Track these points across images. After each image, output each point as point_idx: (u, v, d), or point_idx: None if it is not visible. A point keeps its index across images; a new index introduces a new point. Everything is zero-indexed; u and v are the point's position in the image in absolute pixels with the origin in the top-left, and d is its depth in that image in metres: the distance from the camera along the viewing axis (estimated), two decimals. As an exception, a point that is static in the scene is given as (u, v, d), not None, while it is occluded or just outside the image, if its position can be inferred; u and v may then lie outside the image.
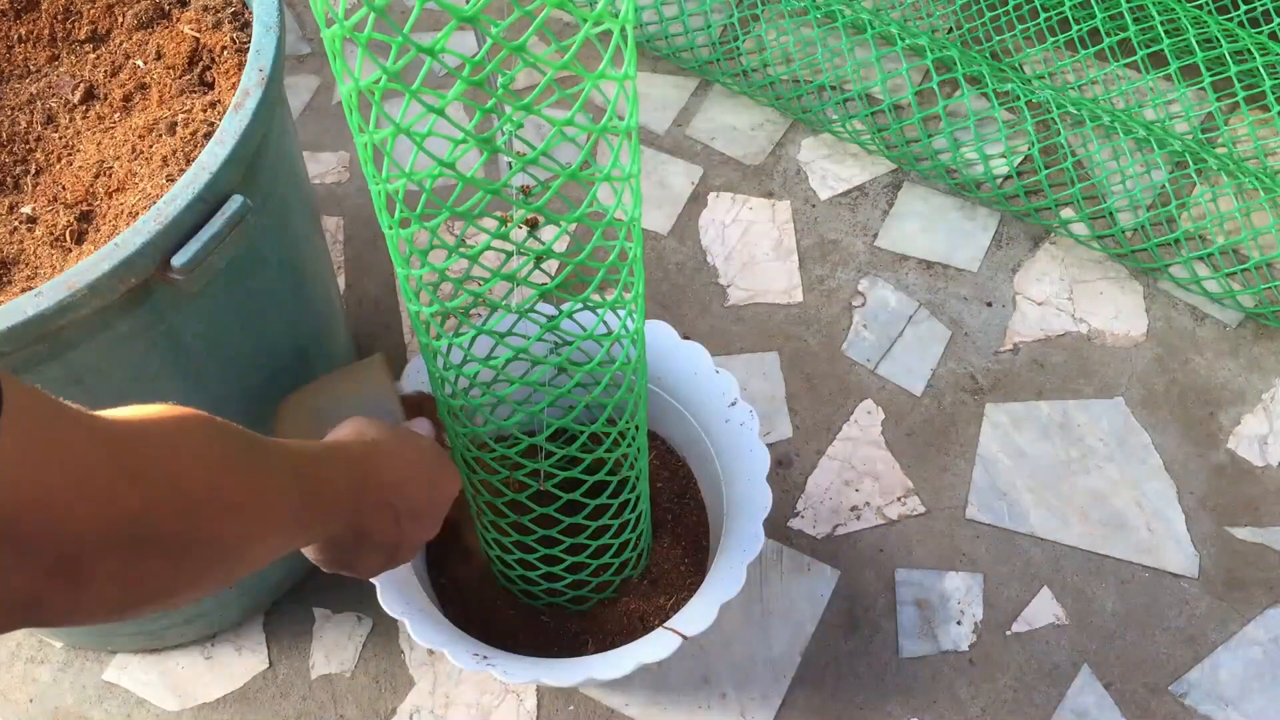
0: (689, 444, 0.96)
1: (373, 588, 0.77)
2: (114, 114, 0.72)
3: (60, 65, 0.76)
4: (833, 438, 1.07)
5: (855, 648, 0.96)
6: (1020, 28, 1.33)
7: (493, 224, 0.63)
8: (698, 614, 0.78)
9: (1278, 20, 1.25)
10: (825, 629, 0.96)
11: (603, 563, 0.85)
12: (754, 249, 1.19)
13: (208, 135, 0.67)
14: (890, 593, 0.98)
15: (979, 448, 1.06)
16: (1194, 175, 1.21)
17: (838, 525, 1.02)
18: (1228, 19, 1.26)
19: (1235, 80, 1.19)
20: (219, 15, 0.72)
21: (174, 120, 0.69)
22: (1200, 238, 1.19)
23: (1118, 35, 1.25)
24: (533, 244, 0.66)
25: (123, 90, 0.73)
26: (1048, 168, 1.20)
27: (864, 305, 1.15)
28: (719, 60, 1.33)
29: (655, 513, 0.93)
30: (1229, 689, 0.94)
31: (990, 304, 1.16)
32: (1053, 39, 1.31)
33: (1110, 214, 1.19)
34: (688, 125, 1.30)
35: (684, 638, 0.76)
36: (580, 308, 0.69)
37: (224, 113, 0.65)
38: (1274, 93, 1.17)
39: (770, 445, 1.05)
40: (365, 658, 0.96)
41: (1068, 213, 1.20)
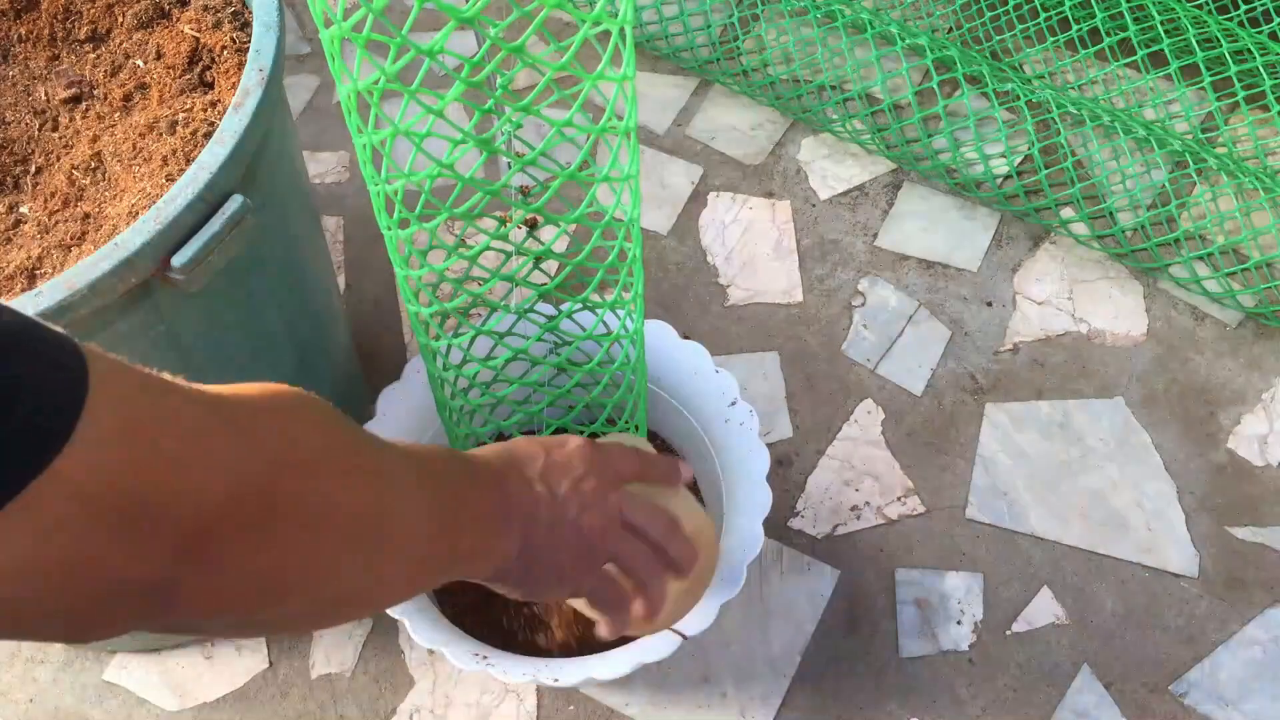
0: (689, 444, 0.96)
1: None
2: (114, 113, 0.72)
3: (60, 65, 0.76)
4: (833, 437, 1.07)
5: (855, 648, 0.96)
6: (1020, 27, 1.33)
7: (492, 224, 0.63)
8: (698, 613, 0.78)
9: (1278, 20, 1.25)
10: (825, 629, 0.96)
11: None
12: (754, 249, 1.19)
13: (208, 135, 0.67)
14: (890, 593, 0.98)
15: (979, 447, 1.06)
16: (1194, 175, 1.21)
17: (838, 525, 1.02)
18: (1228, 19, 1.26)
19: (1235, 80, 1.19)
20: (219, 15, 0.72)
21: (174, 120, 0.69)
22: (1200, 237, 1.19)
23: (1118, 35, 1.25)
24: (532, 244, 0.66)
25: (123, 90, 0.73)
26: (1048, 167, 1.20)
27: (864, 305, 1.15)
28: (719, 60, 1.33)
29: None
30: (1229, 689, 0.94)
31: (990, 304, 1.16)
32: (1053, 39, 1.31)
33: (1110, 214, 1.19)
34: (688, 125, 1.30)
35: (684, 637, 0.76)
36: (580, 308, 0.70)
37: (224, 112, 0.65)
38: (1274, 92, 1.17)
39: (770, 445, 1.05)
40: (365, 657, 0.96)
41: (1068, 212, 1.20)
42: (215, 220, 0.61)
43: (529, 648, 0.84)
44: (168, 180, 0.66)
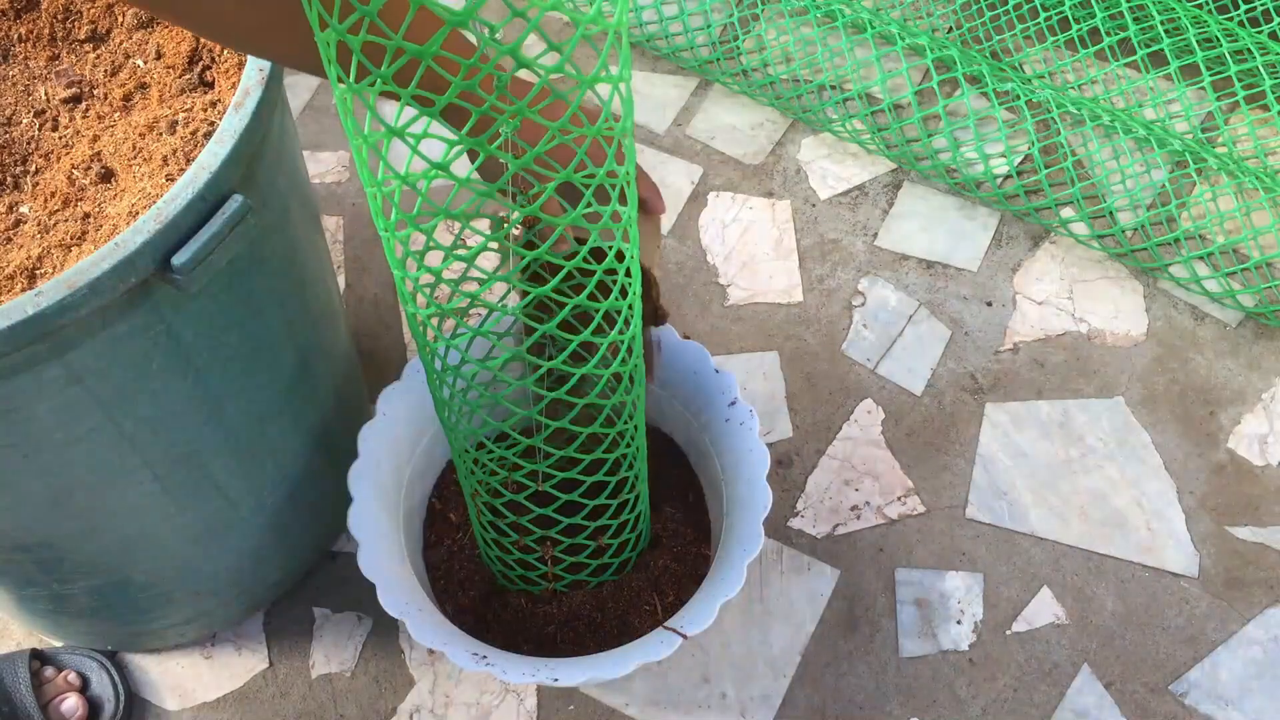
0: (689, 443, 0.96)
1: (372, 587, 0.78)
2: (114, 113, 0.72)
3: (60, 65, 0.76)
4: (833, 437, 1.07)
5: (855, 648, 0.96)
6: (1020, 27, 1.33)
7: (489, 225, 0.63)
8: (698, 613, 0.78)
9: (1278, 20, 1.25)
10: (825, 629, 0.96)
11: (602, 563, 0.85)
12: (754, 248, 1.20)
13: (208, 135, 0.67)
14: (890, 592, 0.98)
15: (979, 447, 1.06)
16: (1194, 175, 1.21)
17: (838, 525, 1.02)
18: (1228, 18, 1.26)
19: (1235, 80, 1.19)
20: (218, 16, 0.72)
21: (174, 120, 0.69)
22: (1200, 237, 1.19)
23: (1118, 35, 1.25)
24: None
25: (123, 90, 0.73)
26: (1048, 167, 1.20)
27: (864, 305, 1.15)
28: (719, 60, 1.33)
29: (655, 511, 0.93)
30: (1229, 688, 0.94)
31: (990, 303, 1.16)
32: (1053, 38, 1.31)
33: (1110, 213, 1.19)
34: (687, 125, 1.30)
35: (684, 637, 0.76)
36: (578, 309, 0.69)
37: (224, 112, 0.65)
38: (1274, 92, 1.17)
39: (770, 445, 1.05)
40: (365, 657, 0.96)
41: (1068, 212, 1.20)
42: (215, 220, 0.61)
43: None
44: (168, 180, 0.66)
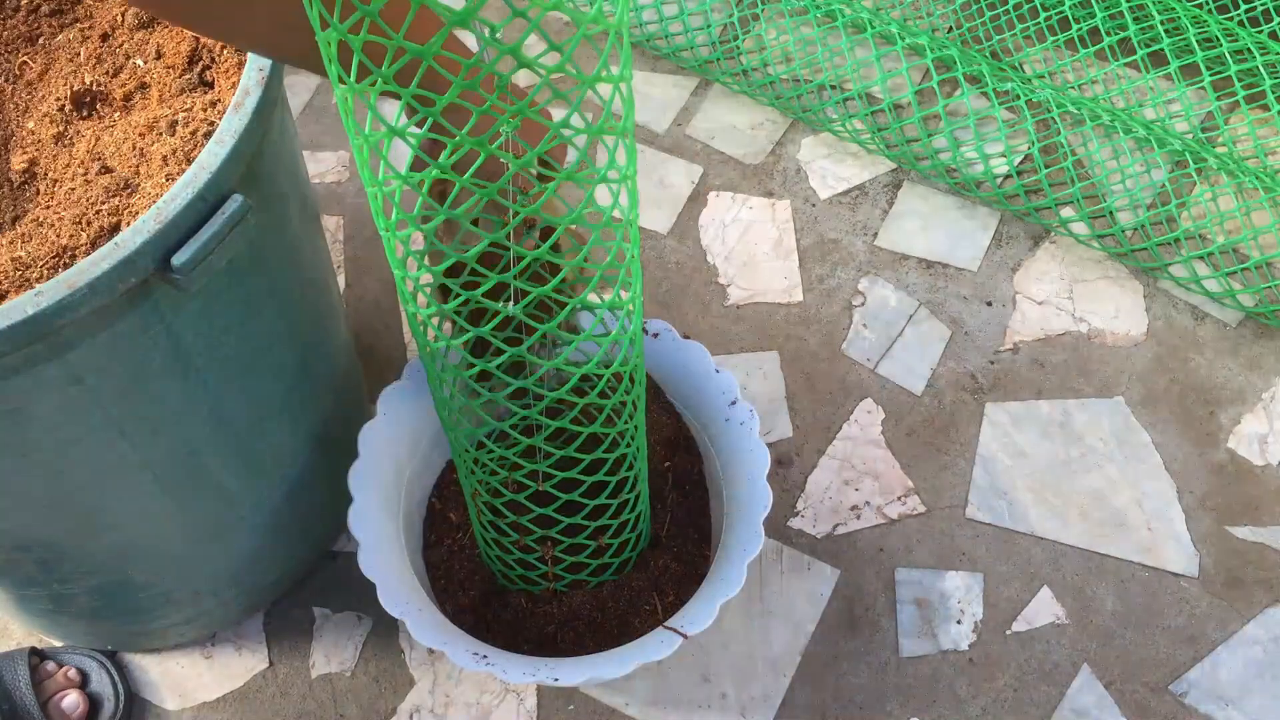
0: (689, 443, 0.96)
1: (372, 587, 0.78)
2: (114, 113, 0.72)
3: (60, 65, 0.76)
4: (832, 437, 1.07)
5: (855, 647, 0.96)
6: (1020, 27, 1.33)
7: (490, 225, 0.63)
8: (698, 613, 0.78)
9: (1278, 19, 1.25)
10: (825, 629, 0.96)
11: (602, 563, 0.85)
12: (754, 248, 1.20)
13: (208, 135, 0.67)
14: (890, 592, 0.98)
15: (979, 447, 1.06)
16: (1194, 174, 1.21)
17: (838, 525, 1.02)
18: (1228, 18, 1.26)
19: (1235, 79, 1.19)
20: (218, 16, 0.72)
21: (174, 120, 0.69)
22: (1200, 237, 1.19)
23: (1118, 34, 1.25)
24: (530, 245, 0.66)
25: (123, 90, 0.73)
26: (1048, 167, 1.20)
27: (864, 304, 1.15)
28: (719, 59, 1.33)
29: (655, 511, 0.93)
30: (1229, 688, 0.94)
31: (990, 303, 1.16)
32: (1052, 38, 1.31)
33: (1110, 213, 1.19)
34: (687, 124, 1.30)
35: (684, 637, 0.76)
36: (578, 308, 0.70)
37: (224, 112, 0.65)
38: (1274, 92, 1.17)
39: (770, 444, 1.05)
40: (365, 657, 0.96)
41: (1068, 212, 1.20)
42: (215, 220, 0.60)
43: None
44: (167, 180, 0.66)
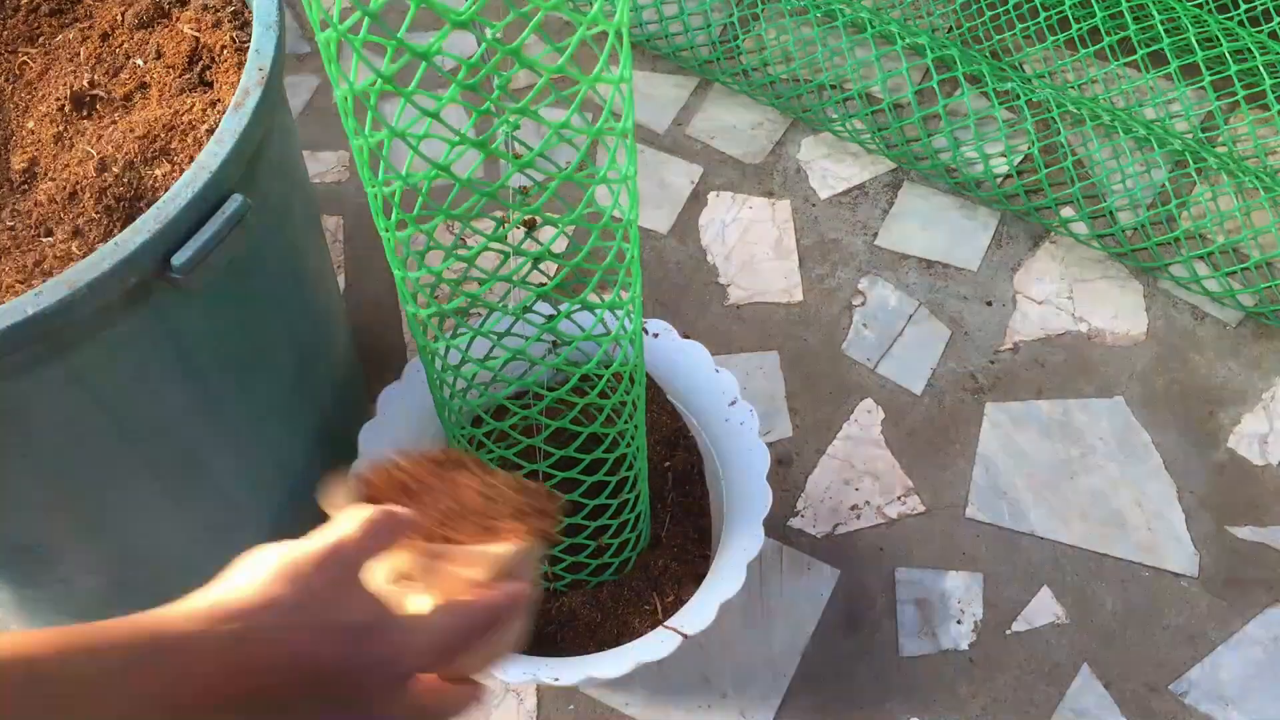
0: (689, 443, 0.96)
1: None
2: (114, 113, 0.72)
3: (61, 65, 0.76)
4: (833, 437, 1.07)
5: (855, 647, 0.96)
6: (1020, 27, 1.33)
7: (490, 225, 0.63)
8: (698, 613, 0.78)
9: (1278, 19, 1.25)
10: (825, 628, 0.96)
11: (601, 563, 0.85)
12: (754, 248, 1.19)
13: (208, 134, 0.67)
14: (890, 592, 0.98)
15: (979, 447, 1.06)
16: (1194, 174, 1.21)
17: (838, 524, 1.02)
18: (1227, 18, 1.26)
19: (1235, 79, 1.19)
20: (219, 14, 0.72)
21: (174, 120, 0.69)
22: (1200, 237, 1.19)
23: (1117, 34, 1.25)
24: (530, 245, 0.66)
25: (123, 90, 0.73)
26: (1048, 167, 1.20)
27: (864, 304, 1.15)
28: (719, 59, 1.33)
29: (654, 511, 0.93)
30: (1229, 688, 0.94)
31: (990, 303, 1.16)
32: (1052, 38, 1.31)
33: (1110, 213, 1.19)
34: (688, 124, 1.30)
35: (684, 636, 0.76)
36: (578, 308, 0.70)
37: (224, 112, 0.65)
38: (1274, 91, 1.17)
39: (770, 444, 1.05)
40: (365, 657, 0.96)
41: (1068, 212, 1.20)
42: (215, 220, 0.60)
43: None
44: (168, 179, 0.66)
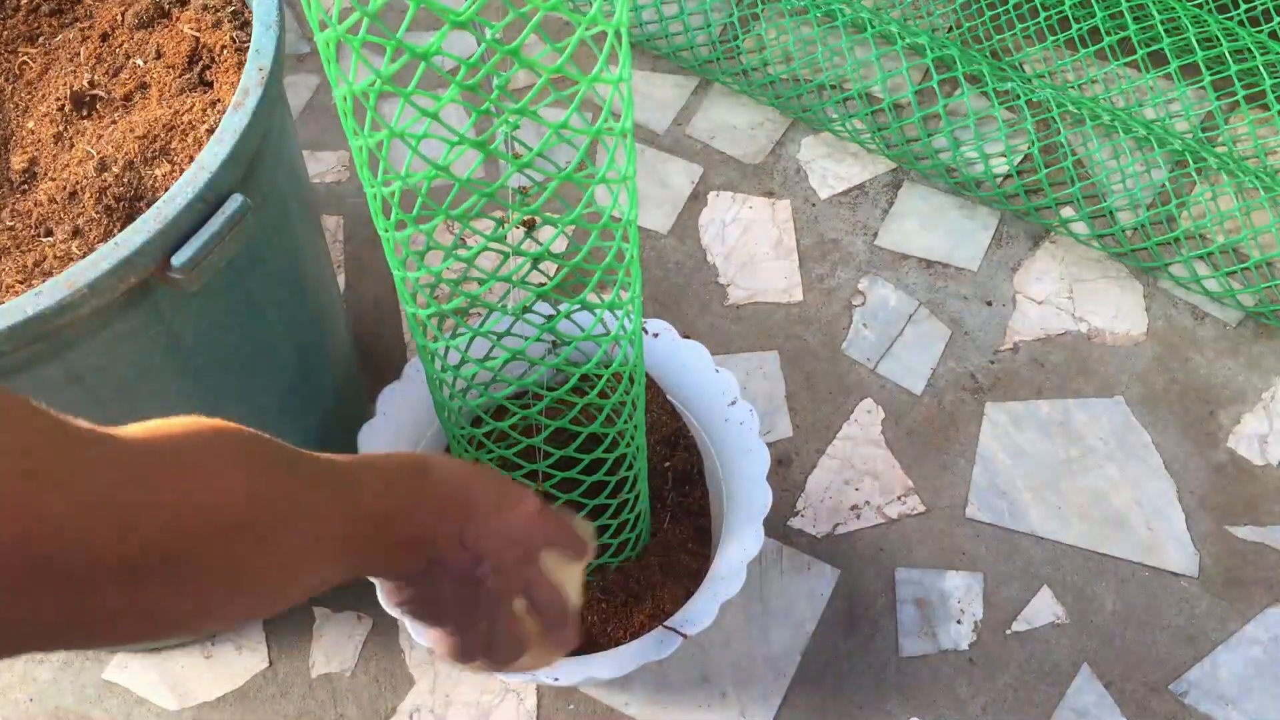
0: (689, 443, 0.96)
1: (372, 587, 0.77)
2: (114, 113, 0.72)
3: (60, 65, 0.76)
4: (833, 437, 1.07)
5: (855, 647, 0.96)
6: (1020, 26, 1.33)
7: (489, 225, 0.63)
8: (698, 613, 0.78)
9: (1278, 19, 1.25)
10: (825, 628, 0.96)
11: (601, 563, 0.85)
12: (754, 248, 1.19)
13: (208, 134, 0.67)
14: (890, 592, 0.98)
15: (979, 447, 1.06)
16: (1194, 174, 1.21)
17: (838, 524, 1.02)
18: (1227, 18, 1.26)
19: (1235, 79, 1.19)
20: (218, 14, 0.73)
21: (174, 120, 0.69)
22: (1200, 236, 1.19)
23: (1117, 34, 1.25)
24: (530, 245, 0.66)
25: (123, 90, 0.73)
26: (1048, 166, 1.20)
27: (864, 304, 1.15)
28: (719, 59, 1.33)
29: (654, 510, 0.93)
30: (1229, 688, 0.94)
31: (990, 303, 1.16)
32: (1052, 38, 1.31)
33: (1110, 213, 1.19)
34: (687, 124, 1.30)
35: (684, 637, 0.76)
36: (578, 308, 0.70)
37: (224, 112, 0.65)
38: (1274, 91, 1.17)
39: (770, 444, 1.05)
40: (365, 657, 0.96)
41: (1068, 212, 1.20)
42: (215, 220, 0.61)
43: None
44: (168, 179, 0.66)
